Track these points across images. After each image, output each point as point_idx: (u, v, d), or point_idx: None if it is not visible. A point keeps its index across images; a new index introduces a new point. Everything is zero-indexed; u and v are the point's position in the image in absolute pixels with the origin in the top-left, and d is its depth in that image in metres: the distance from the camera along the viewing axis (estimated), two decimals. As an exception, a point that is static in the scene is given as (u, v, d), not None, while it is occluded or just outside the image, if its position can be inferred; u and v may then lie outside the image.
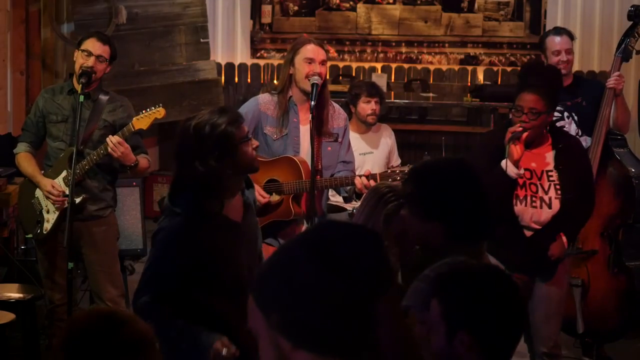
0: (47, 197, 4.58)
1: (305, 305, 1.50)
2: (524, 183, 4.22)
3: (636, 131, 6.63)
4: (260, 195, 4.23)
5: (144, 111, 4.53)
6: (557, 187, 4.21)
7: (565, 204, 4.21)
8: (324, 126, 4.36)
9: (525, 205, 4.22)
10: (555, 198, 4.21)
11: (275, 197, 4.33)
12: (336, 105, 4.60)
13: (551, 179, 4.23)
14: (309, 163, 4.26)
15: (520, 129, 4.09)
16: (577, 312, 4.90)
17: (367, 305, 1.52)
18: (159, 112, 4.53)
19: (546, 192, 4.23)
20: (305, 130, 4.34)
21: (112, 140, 4.42)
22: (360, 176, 4.18)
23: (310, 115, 4.21)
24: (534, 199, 4.22)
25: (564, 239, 4.27)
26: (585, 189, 4.32)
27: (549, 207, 4.21)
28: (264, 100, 4.46)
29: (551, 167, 4.24)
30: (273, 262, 1.57)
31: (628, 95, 7.37)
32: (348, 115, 5.72)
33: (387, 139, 5.86)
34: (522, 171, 4.18)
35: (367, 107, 5.60)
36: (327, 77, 4.49)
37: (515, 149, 4.10)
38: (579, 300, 4.91)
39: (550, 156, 4.25)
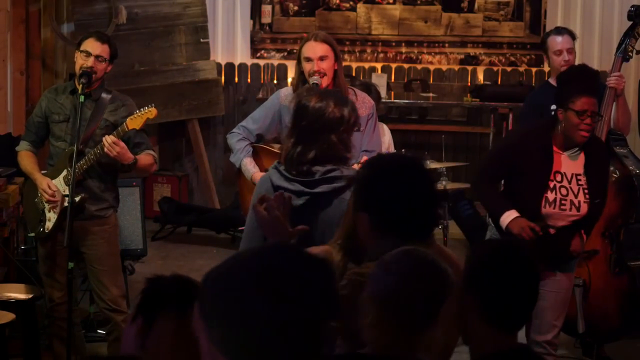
0: (42, 195, 4.59)
1: (249, 329, 1.49)
2: (554, 186, 4.25)
3: (636, 131, 6.63)
4: None
5: (136, 111, 4.55)
6: (586, 191, 4.26)
7: (592, 208, 4.29)
8: None
9: (554, 208, 4.26)
10: (584, 202, 4.25)
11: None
12: (360, 93, 4.55)
13: (580, 182, 4.27)
14: None
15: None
16: (578, 312, 4.89)
17: (312, 332, 1.52)
18: (150, 112, 4.54)
19: (576, 196, 4.26)
20: None
21: (108, 140, 4.42)
22: (356, 162, 4.20)
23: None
24: (563, 201, 4.26)
25: (584, 235, 4.40)
26: (605, 191, 4.44)
27: (578, 210, 4.26)
28: (285, 94, 4.51)
29: (581, 171, 4.28)
30: (219, 278, 1.56)
31: (628, 95, 7.35)
32: None
33: (383, 137, 5.87)
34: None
35: None
36: (340, 69, 4.46)
37: None
38: (580, 300, 4.91)
39: (581, 160, 4.28)
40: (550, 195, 4.25)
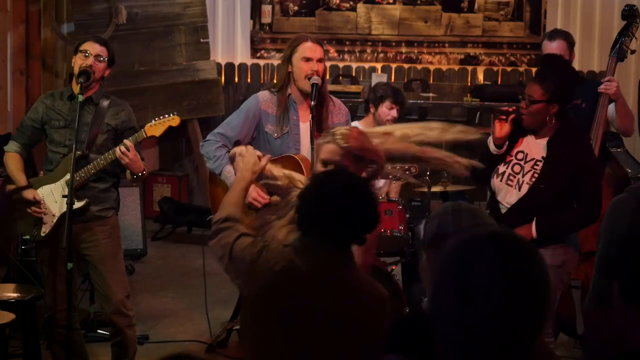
0: (24, 204, 4.52)
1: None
2: (509, 161, 4.33)
3: (636, 131, 6.62)
4: (260, 196, 4.24)
5: (156, 118, 4.48)
6: (536, 175, 4.25)
7: (532, 192, 4.22)
8: (323, 123, 4.36)
9: (501, 180, 4.32)
10: (527, 183, 4.26)
11: (275, 198, 4.34)
12: (336, 100, 4.59)
13: (535, 166, 4.28)
14: (310, 160, 4.28)
15: (512, 109, 4.34)
16: (577, 312, 4.90)
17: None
18: (173, 120, 4.46)
19: (523, 176, 4.29)
20: (305, 128, 4.34)
21: (126, 143, 4.35)
22: None
23: (311, 115, 4.22)
24: (511, 177, 4.31)
25: (533, 229, 4.22)
26: (583, 194, 4.26)
27: (519, 189, 4.27)
28: (264, 99, 4.47)
29: (540, 157, 4.28)
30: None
31: (628, 96, 7.36)
32: (365, 113, 5.80)
33: None
34: (501, 149, 4.35)
35: (388, 112, 5.73)
36: (327, 74, 4.50)
37: (498, 126, 4.35)
38: (579, 301, 4.91)
39: (544, 147, 4.29)
40: (501, 168, 4.34)
